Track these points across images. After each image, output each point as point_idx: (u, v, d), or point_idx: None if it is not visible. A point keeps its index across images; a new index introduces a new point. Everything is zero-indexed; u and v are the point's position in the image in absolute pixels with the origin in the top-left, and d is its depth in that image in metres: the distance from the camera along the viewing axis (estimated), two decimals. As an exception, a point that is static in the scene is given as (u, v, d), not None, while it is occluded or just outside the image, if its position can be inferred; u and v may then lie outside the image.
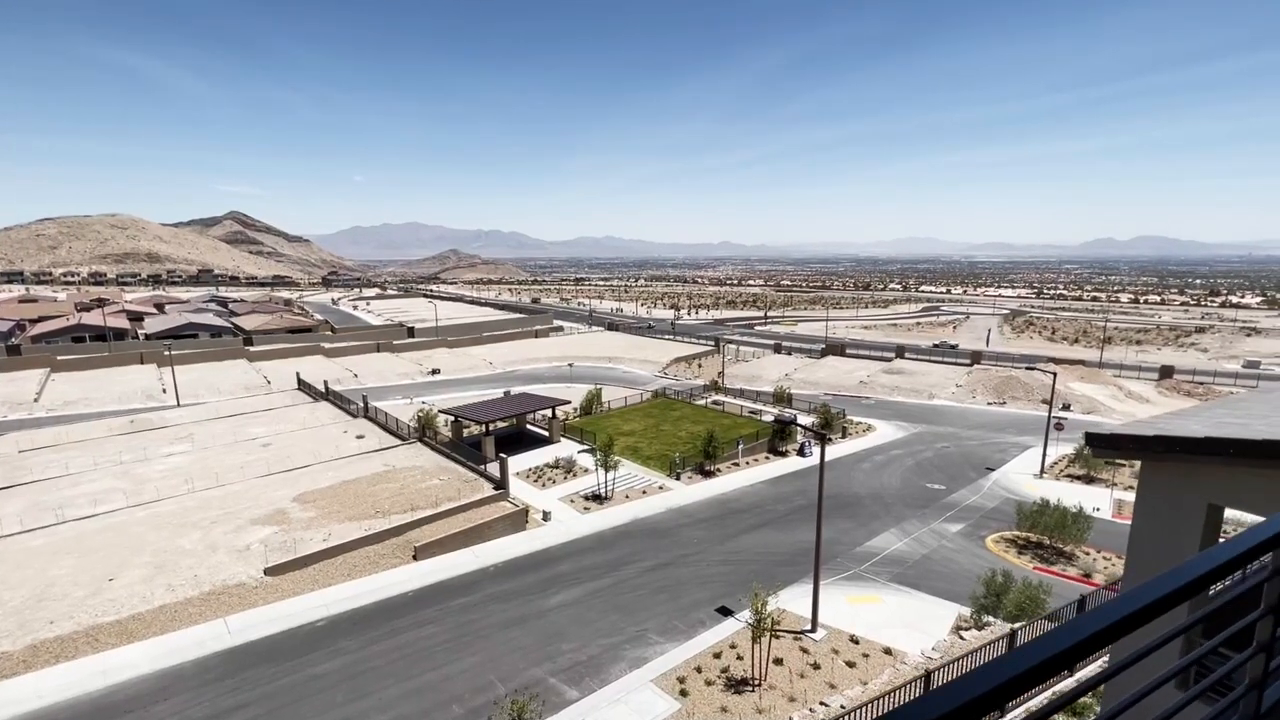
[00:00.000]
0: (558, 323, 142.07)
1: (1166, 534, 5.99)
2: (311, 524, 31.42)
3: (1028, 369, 50.05)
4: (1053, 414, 49.86)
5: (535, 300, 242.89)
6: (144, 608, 24.51)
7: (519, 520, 34.26)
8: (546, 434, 51.06)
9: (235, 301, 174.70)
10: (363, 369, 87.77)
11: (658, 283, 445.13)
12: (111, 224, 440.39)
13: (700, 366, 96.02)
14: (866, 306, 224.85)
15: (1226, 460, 5.32)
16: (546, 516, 35.82)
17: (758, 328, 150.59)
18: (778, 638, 24.20)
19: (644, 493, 40.49)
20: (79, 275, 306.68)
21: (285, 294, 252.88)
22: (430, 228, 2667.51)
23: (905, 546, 33.38)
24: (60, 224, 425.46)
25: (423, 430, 46.03)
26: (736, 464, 46.71)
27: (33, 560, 27.95)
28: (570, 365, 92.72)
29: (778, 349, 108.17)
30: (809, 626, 25.01)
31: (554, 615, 25.83)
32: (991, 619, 24.60)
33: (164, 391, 69.47)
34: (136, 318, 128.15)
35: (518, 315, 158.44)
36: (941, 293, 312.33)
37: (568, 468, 43.43)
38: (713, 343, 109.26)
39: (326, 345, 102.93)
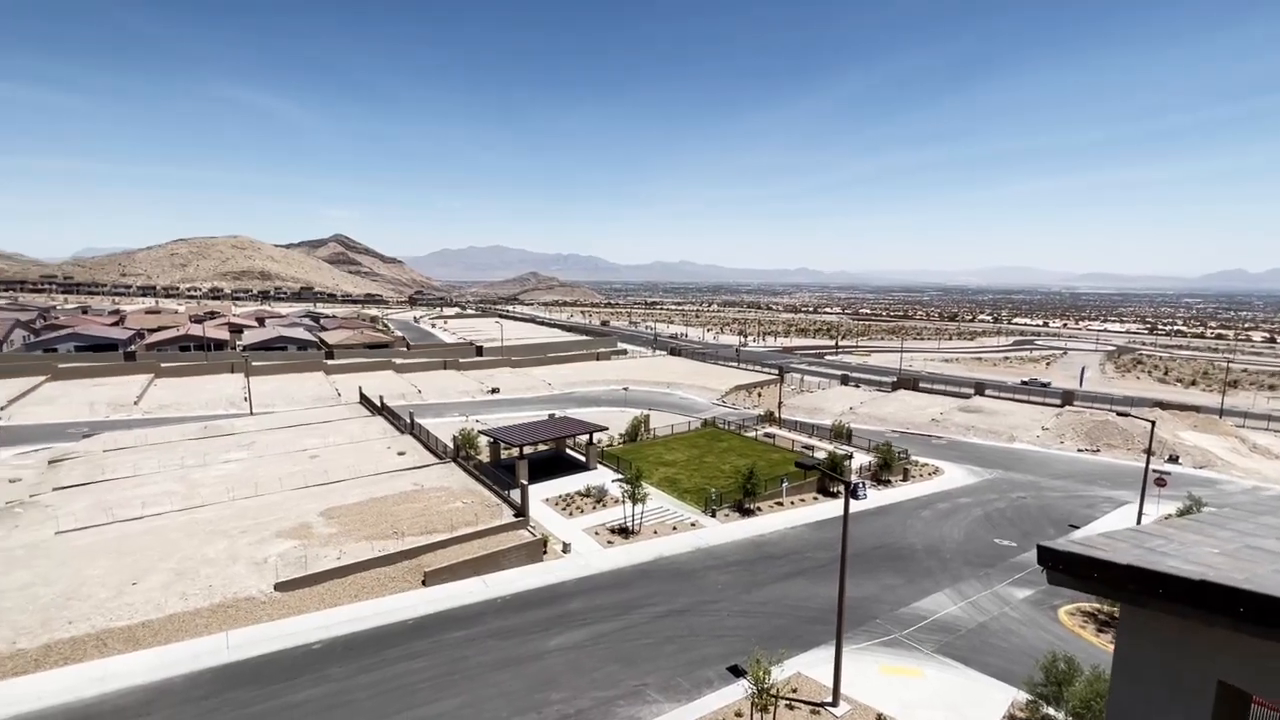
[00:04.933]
0: (621, 346, 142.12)
1: (1157, 717, 3.76)
2: (330, 541, 31.49)
3: (1119, 414, 44.03)
4: (1154, 467, 43.53)
5: (604, 323, 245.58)
6: (155, 615, 24.97)
7: (535, 551, 32.98)
8: (583, 460, 49.89)
9: (327, 317, 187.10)
10: (427, 385, 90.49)
11: (730, 308, 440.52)
12: (233, 244, 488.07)
13: (760, 395, 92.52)
14: (950, 338, 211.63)
15: (1236, 621, 3.14)
16: (566, 548, 34.36)
17: (827, 357, 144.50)
18: (791, 709, 21.47)
19: (674, 529, 38.28)
20: (201, 290, 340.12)
21: (373, 311, 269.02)
22: (513, 251, 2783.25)
23: (960, 611, 29.38)
24: (191, 244, 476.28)
25: (458, 450, 46.01)
26: (779, 503, 43.58)
27: (74, 559, 29.43)
28: (625, 389, 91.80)
29: (845, 380, 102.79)
30: (830, 699, 22.02)
31: (551, 659, 24.16)
32: (1052, 713, 20.72)
33: (244, 400, 74.09)
34: (238, 330, 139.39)
35: (582, 337, 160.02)
36: (1037, 325, 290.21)
37: (598, 497, 41.93)
38: (776, 371, 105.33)
39: (398, 361, 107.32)
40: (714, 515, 40.56)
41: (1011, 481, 51.57)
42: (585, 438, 50.54)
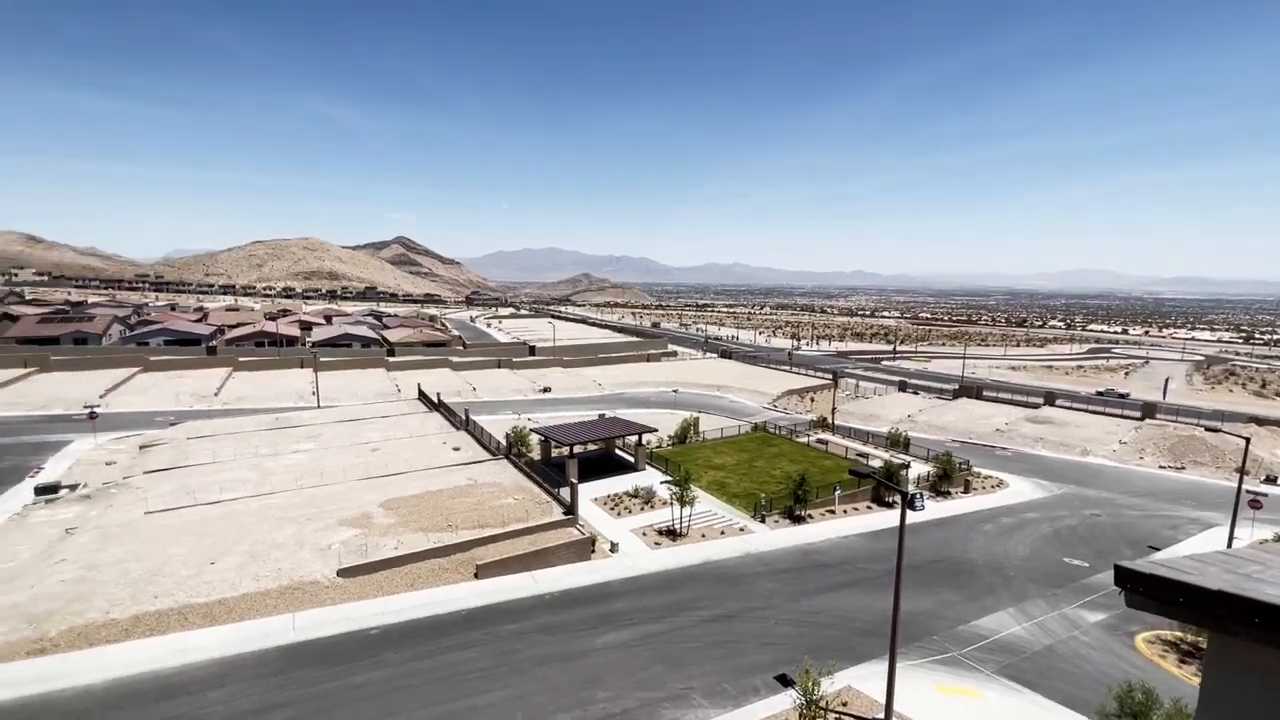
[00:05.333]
0: (672, 348, 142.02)
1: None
2: (389, 531, 32.78)
3: (1208, 429, 40.87)
4: (1248, 487, 40.19)
5: (655, 325, 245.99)
6: (230, 594, 26.61)
7: (584, 549, 33.35)
8: (633, 461, 50.10)
9: (389, 316, 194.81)
10: (482, 383, 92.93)
11: (783, 311, 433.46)
12: (304, 246, 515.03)
13: (813, 401, 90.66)
14: (1018, 345, 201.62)
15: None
16: (614, 548, 34.59)
17: (884, 363, 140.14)
18: (841, 724, 20.88)
19: (722, 533, 37.94)
20: (275, 289, 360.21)
21: (432, 311, 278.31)
22: (566, 253, 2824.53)
23: (1024, 632, 27.91)
24: (266, 246, 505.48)
25: (510, 447, 47.02)
26: (831, 511, 42.55)
27: (161, 537, 31.70)
28: (675, 391, 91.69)
29: (902, 387, 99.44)
30: (882, 715, 21.32)
31: (597, 657, 24.36)
32: (1127, 747, 19.39)
33: (312, 394, 77.99)
34: (308, 327, 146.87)
35: (633, 339, 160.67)
36: (1115, 333, 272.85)
37: (647, 498, 42.01)
38: (830, 376, 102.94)
39: (455, 359, 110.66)
40: (763, 521, 39.97)
41: (1084, 498, 48.66)
42: (634, 439, 50.75)
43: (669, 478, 44.35)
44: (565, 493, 36.80)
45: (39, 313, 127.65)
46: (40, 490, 39.74)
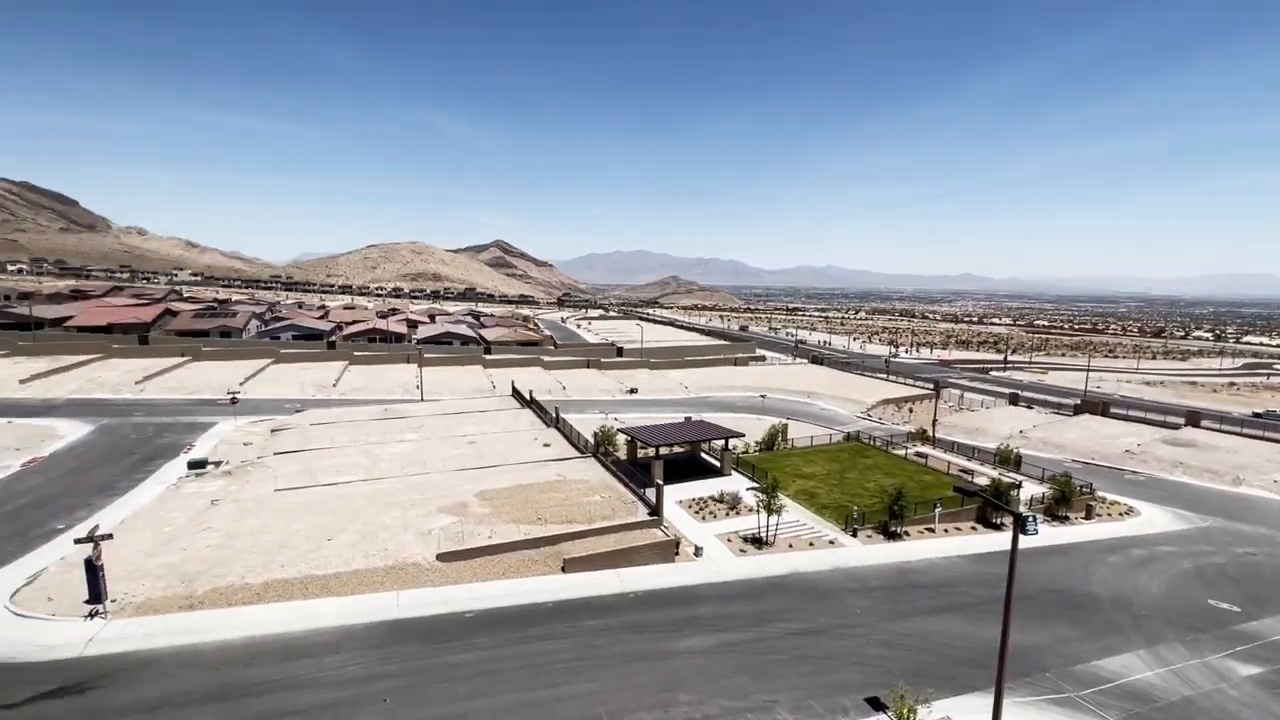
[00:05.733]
0: (760, 352, 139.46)
1: None
2: (483, 520, 34.39)
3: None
4: None
5: (743, 328, 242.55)
6: (344, 569, 28.95)
7: (668, 551, 33.39)
8: (718, 465, 49.60)
9: (486, 315, 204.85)
10: (571, 382, 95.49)
11: (879, 316, 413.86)
12: (412, 250, 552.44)
13: (911, 411, 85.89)
14: (1153, 357, 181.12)
15: None
16: (698, 552, 34.39)
17: (993, 373, 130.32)
18: (938, 757, 19.59)
19: (810, 544, 36.71)
20: (386, 289, 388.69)
21: (525, 311, 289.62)
22: (655, 255, 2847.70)
23: (1157, 679, 24.95)
24: (380, 249, 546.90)
25: (597, 446, 47.95)
26: (930, 529, 40.06)
27: (287, 513, 35.03)
28: (763, 396, 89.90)
29: (1014, 400, 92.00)
30: (985, 754, 19.79)
31: (679, 660, 24.30)
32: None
33: (416, 388, 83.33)
34: (414, 325, 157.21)
35: (720, 342, 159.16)
36: (1276, 346, 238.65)
37: (732, 504, 41.45)
38: (931, 386, 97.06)
39: (546, 359, 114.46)
40: (855, 535, 38.29)
41: (1235, 533, 42.85)
42: (720, 443, 50.22)
43: (755, 484, 43.58)
44: (651, 494, 37.03)
45: (193, 309, 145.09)
46: (192, 465, 45.10)
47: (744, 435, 52.26)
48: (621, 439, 51.05)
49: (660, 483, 36.44)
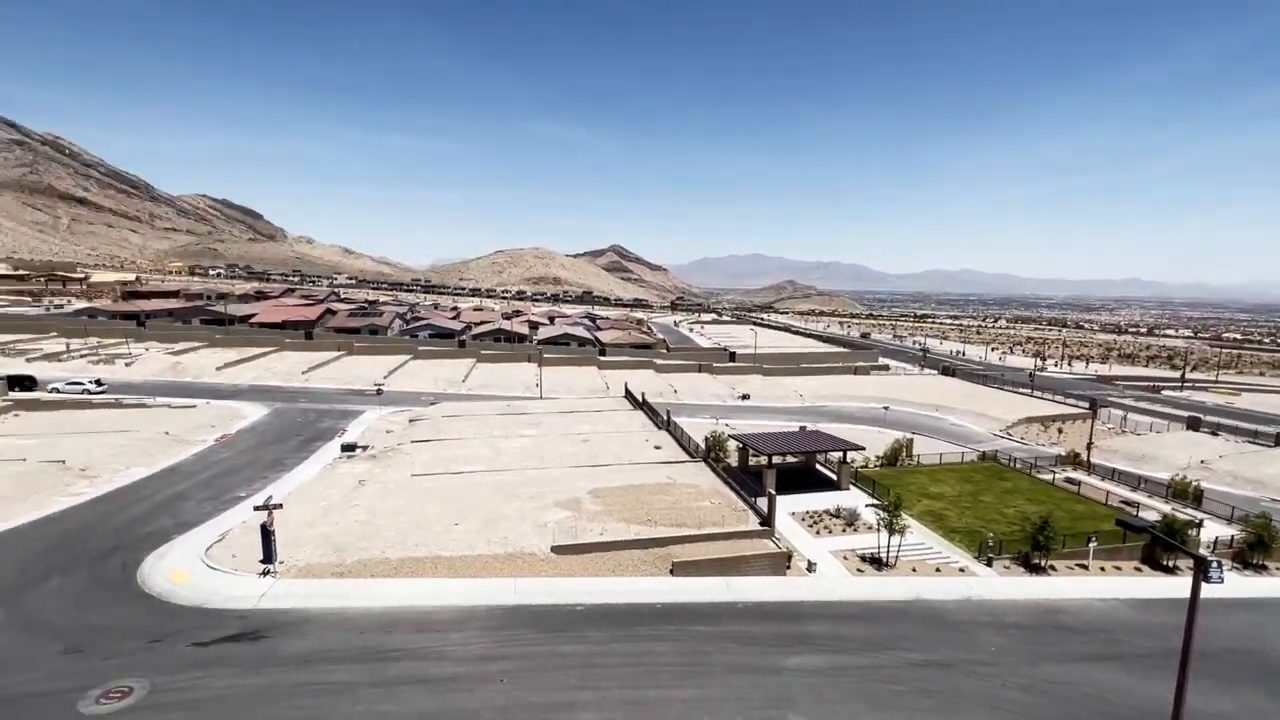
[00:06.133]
0: (883, 361, 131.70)
1: None
2: (595, 517, 35.35)
3: None
4: None
5: (864, 335, 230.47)
6: (468, 552, 31.02)
7: (779, 563, 32.37)
8: (835, 478, 47.36)
9: (601, 318, 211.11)
10: (682, 386, 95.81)
11: (1023, 325, 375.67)
12: (535, 255, 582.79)
13: (1061, 432, 76.99)
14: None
15: None
16: (811, 567, 33.01)
17: (1166, 392, 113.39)
18: (1090, 826, 17.26)
19: (937, 570, 33.97)
20: (510, 292, 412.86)
21: (639, 314, 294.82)
22: (771, 259, 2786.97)
23: (1393, 777, 20.30)
24: (506, 254, 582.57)
25: (708, 451, 47.58)
26: (1083, 566, 35.55)
27: (421, 497, 38.19)
28: (885, 408, 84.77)
29: (1194, 425, 79.41)
30: (1151, 832, 17.14)
31: (789, 677, 23.40)
32: None
33: (536, 386, 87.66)
34: (535, 326, 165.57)
35: (838, 349, 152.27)
36: None
37: (849, 520, 39.37)
38: (1086, 404, 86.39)
39: (658, 362, 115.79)
40: (989, 564, 34.89)
41: None
42: (837, 455, 47.93)
43: (876, 501, 41.14)
44: (762, 503, 36.14)
45: (348, 309, 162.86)
46: (344, 448, 50.57)
47: (864, 448, 49.52)
48: (733, 445, 50.33)
49: (772, 492, 35.45)
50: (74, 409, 61.14)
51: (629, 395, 76.63)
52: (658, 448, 51.13)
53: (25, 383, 67.19)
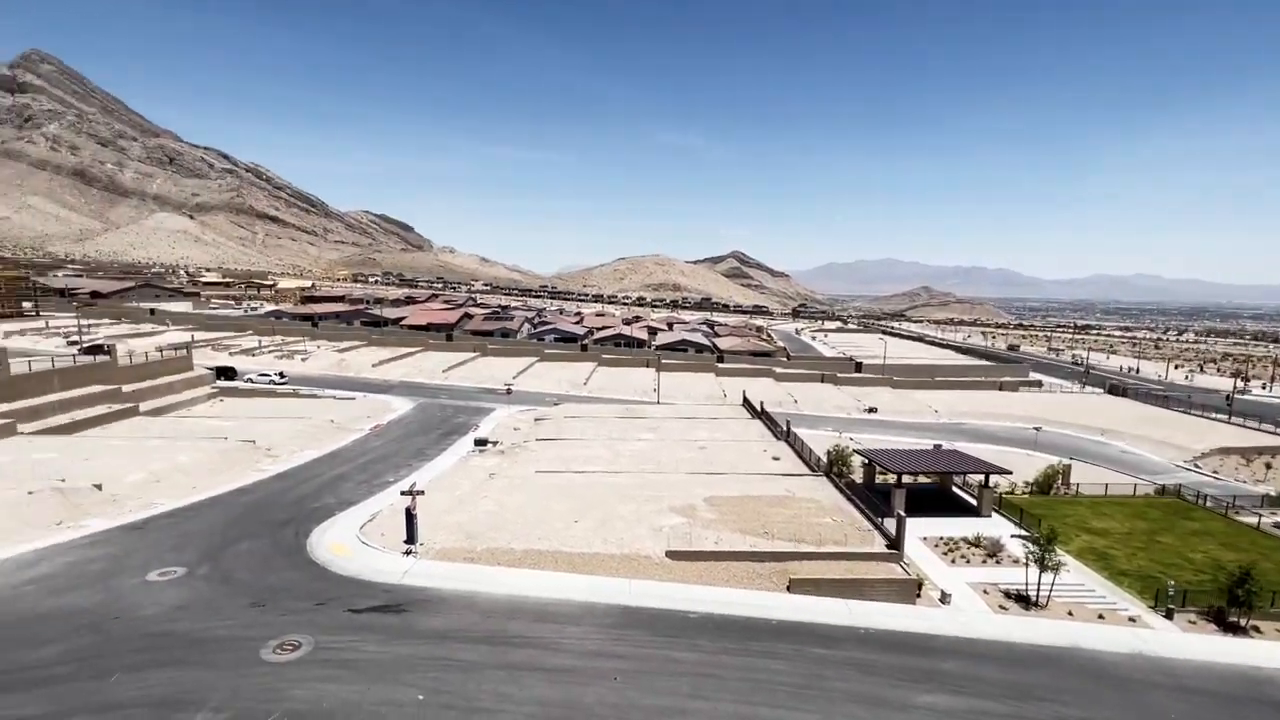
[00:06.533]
0: (1035, 376, 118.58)
1: None
2: (710, 525, 35.02)
3: None
4: None
5: (1012, 347, 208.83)
6: (586, 550, 32.00)
7: (907, 591, 30.08)
8: (974, 504, 43.23)
9: (720, 325, 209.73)
10: (803, 396, 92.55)
11: (1217, 339, 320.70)
12: (655, 262, 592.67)
13: (1269, 467, 64.68)
14: None
15: None
16: (945, 598, 30.32)
17: None
18: None
19: (1100, 617, 29.82)
20: (630, 298, 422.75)
21: (759, 321, 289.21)
22: (905, 264, 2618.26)
23: None
24: (627, 261, 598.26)
25: (830, 466, 45.43)
26: (1299, 630, 29.47)
27: (544, 493, 40.08)
28: (1037, 430, 75.96)
29: None
30: None
31: (918, 716, 21.60)
32: None
33: (653, 390, 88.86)
34: (653, 332, 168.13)
35: (980, 362, 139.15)
36: None
37: (991, 550, 35.72)
38: (1304, 435, 71.86)
39: (778, 370, 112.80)
40: (1169, 616, 30.01)
41: None
42: (978, 478, 43.78)
43: (1024, 532, 37.06)
44: (890, 524, 33.83)
45: (483, 313, 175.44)
46: (476, 442, 54.42)
47: (1010, 472, 44.77)
48: (858, 461, 47.71)
49: (902, 514, 33.05)
50: (263, 397, 71.38)
51: (747, 403, 75.31)
52: (776, 458, 49.69)
53: (228, 373, 79.46)
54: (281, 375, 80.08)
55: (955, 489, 46.58)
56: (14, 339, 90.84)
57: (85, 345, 78.00)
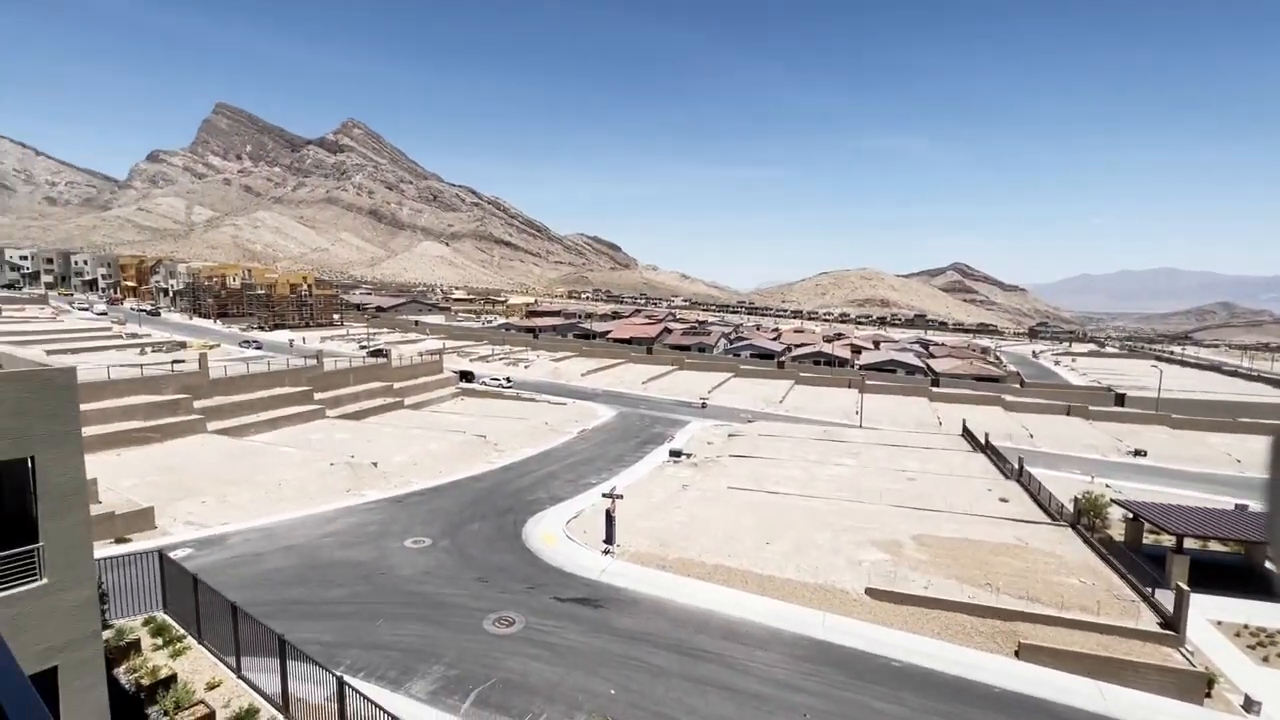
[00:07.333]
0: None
1: None
2: (918, 566, 31.54)
3: None
4: None
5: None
6: (777, 574, 30.94)
7: (1191, 686, 23.78)
8: (1300, 586, 32.78)
9: (936, 344, 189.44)
10: (1041, 430, 79.36)
11: None
12: (860, 275, 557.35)
13: None
14: None
15: None
16: (1251, 706, 23.39)
17: None
18: None
19: None
20: (833, 314, 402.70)
21: (985, 341, 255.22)
22: (1188, 274, 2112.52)
23: None
24: (830, 276, 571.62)
25: (1079, 516, 38.02)
26: None
27: (736, 509, 39.79)
28: None
29: None
30: None
31: None
32: None
33: (856, 413, 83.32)
34: (857, 351, 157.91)
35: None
36: None
37: (1329, 653, 26.73)
38: None
39: (1008, 398, 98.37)
40: None
41: None
42: (1308, 554, 33.08)
43: (1388, 637, 27.12)
44: (1165, 597, 27.19)
45: (682, 328, 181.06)
46: (671, 453, 56.10)
47: (1363, 552, 33.12)
48: (1117, 513, 39.38)
49: (1183, 586, 26.36)
50: (493, 398, 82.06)
51: (967, 433, 66.82)
52: (1004, 500, 43.15)
53: (468, 376, 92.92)
54: (508, 380, 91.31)
55: (1269, 564, 35.81)
56: (327, 343, 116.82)
57: (370, 349, 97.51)
